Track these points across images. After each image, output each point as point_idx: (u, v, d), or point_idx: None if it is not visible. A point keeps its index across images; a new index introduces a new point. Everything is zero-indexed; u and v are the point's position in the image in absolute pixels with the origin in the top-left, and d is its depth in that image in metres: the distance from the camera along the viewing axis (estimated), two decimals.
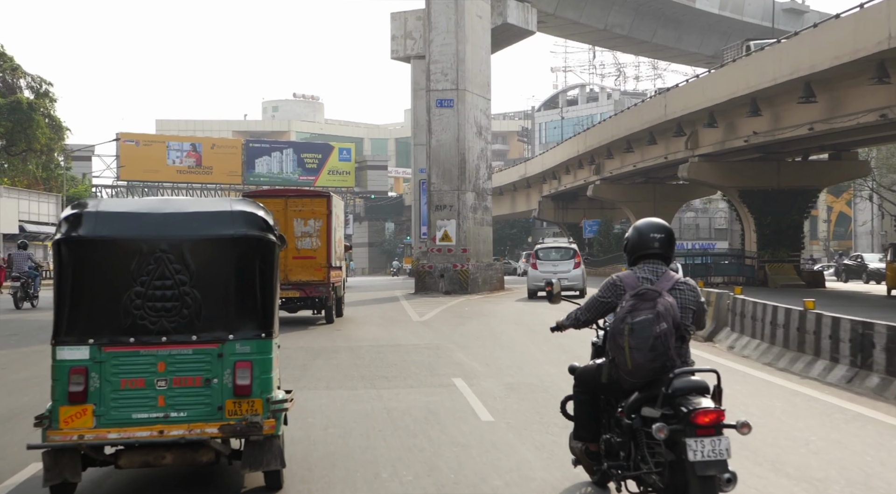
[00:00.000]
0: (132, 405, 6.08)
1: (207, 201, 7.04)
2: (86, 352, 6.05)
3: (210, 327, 6.21)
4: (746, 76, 33.01)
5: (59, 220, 6.35)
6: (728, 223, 69.60)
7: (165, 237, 6.21)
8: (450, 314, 23.12)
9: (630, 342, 5.38)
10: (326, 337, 17.13)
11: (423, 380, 11.81)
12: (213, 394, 6.17)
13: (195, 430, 6.12)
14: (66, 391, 5.99)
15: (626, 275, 5.71)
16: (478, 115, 33.96)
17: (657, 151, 45.65)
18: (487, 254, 35.03)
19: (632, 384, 5.50)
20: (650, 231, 5.71)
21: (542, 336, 16.57)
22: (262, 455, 6.29)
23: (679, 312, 5.45)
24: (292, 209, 19.12)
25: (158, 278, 6.14)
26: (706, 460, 4.94)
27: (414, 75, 55.29)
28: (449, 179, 32.98)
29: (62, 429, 5.95)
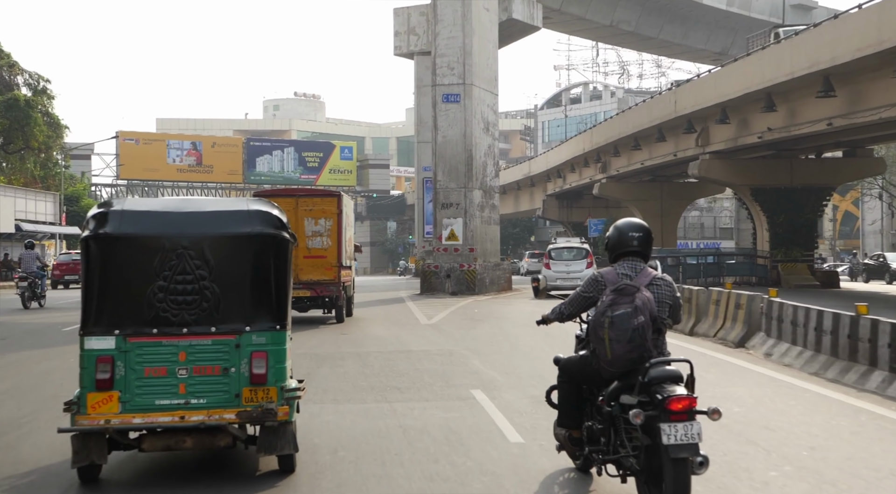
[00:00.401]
0: (155, 392, 6.45)
1: (225, 201, 7.35)
2: (112, 342, 6.41)
3: (228, 319, 6.58)
4: (761, 70, 31.92)
5: (86, 218, 6.74)
6: (734, 222, 68.53)
7: (187, 235, 6.57)
8: (459, 316, 22.06)
9: (610, 334, 5.71)
10: (331, 342, 16.05)
11: (438, 392, 10.73)
12: (231, 382, 6.55)
13: (214, 416, 6.48)
14: (93, 379, 6.37)
15: (607, 271, 6.00)
16: (485, 110, 32.88)
17: (666, 148, 44.56)
18: (495, 253, 33.94)
19: (611, 373, 5.82)
20: (629, 230, 6.04)
21: (560, 341, 15.47)
22: (276, 440, 6.65)
23: (656, 306, 5.78)
24: (303, 209, 18.91)
25: (180, 273, 6.52)
26: (679, 443, 5.25)
27: (417, 72, 54.29)
28: (455, 177, 31.90)
29: (90, 414, 6.34)
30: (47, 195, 53.91)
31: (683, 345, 15.10)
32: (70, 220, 55.46)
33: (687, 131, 40.20)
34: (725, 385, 10.93)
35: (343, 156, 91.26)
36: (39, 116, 57.07)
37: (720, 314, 15.85)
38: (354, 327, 19.03)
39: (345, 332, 17.87)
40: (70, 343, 16.33)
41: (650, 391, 5.49)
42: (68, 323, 20.36)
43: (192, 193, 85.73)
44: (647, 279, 5.89)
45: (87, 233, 6.54)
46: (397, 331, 18.15)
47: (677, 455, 5.26)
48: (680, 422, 5.30)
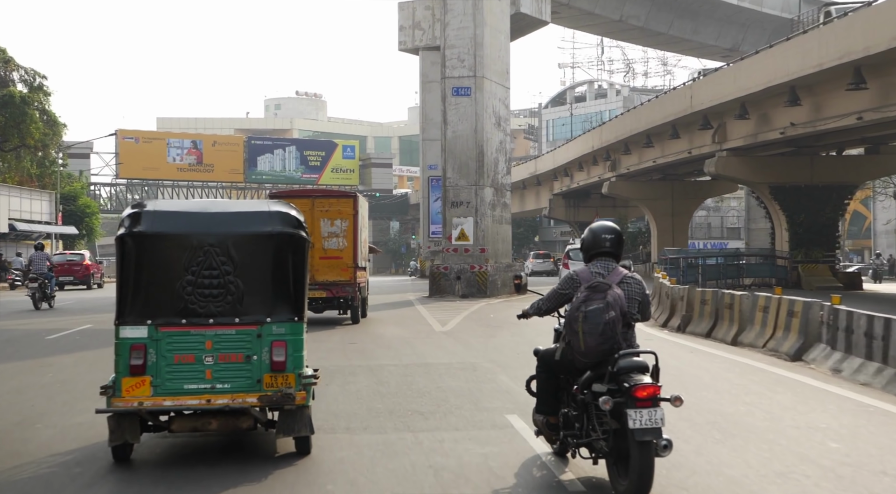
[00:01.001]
0: (184, 377, 6.95)
1: (247, 203, 8.05)
2: (144, 331, 6.91)
3: (250, 311, 7.07)
4: (786, 62, 30.29)
5: (121, 218, 7.20)
6: (745, 222, 66.88)
7: (213, 233, 7.05)
8: (474, 322, 20.45)
9: (584, 327, 6.12)
10: (339, 353, 14.45)
11: (468, 417, 9.13)
12: (253, 369, 7.04)
13: (238, 400, 6.97)
14: (127, 365, 6.87)
15: (582, 270, 6.47)
16: (496, 104, 31.27)
17: (680, 145, 42.96)
18: (507, 254, 32.33)
19: (584, 363, 6.22)
20: (602, 233, 6.49)
21: None
22: (294, 423, 7.14)
23: (626, 302, 6.22)
24: (319, 210, 18.75)
25: (206, 268, 7.00)
26: (644, 427, 5.68)
27: (423, 67, 52.63)
28: (466, 174, 30.28)
29: (124, 397, 6.83)
30: (43, 194, 52.27)
31: (729, 356, 13.52)
32: (66, 219, 53.82)
33: (703, 128, 38.61)
34: (803, 410, 9.32)
35: (345, 155, 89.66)
36: (36, 113, 55.48)
37: (769, 322, 14.25)
38: (364, 335, 17.43)
39: (354, 341, 16.27)
40: (51, 355, 14.97)
41: (619, 379, 5.93)
42: (56, 330, 18.82)
43: (192, 192, 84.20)
44: (619, 278, 6.33)
45: (122, 231, 7.02)
46: (411, 339, 16.55)
47: (642, 438, 5.71)
48: (645, 408, 5.74)
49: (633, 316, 6.32)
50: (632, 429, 5.74)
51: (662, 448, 5.76)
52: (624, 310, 6.19)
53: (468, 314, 22.48)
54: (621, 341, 6.16)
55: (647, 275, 55.41)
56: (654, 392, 5.82)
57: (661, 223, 53.89)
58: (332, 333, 17.52)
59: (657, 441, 5.75)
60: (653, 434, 5.73)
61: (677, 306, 18.39)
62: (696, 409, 9.24)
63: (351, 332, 17.97)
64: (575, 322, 6.22)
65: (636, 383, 5.84)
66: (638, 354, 6.14)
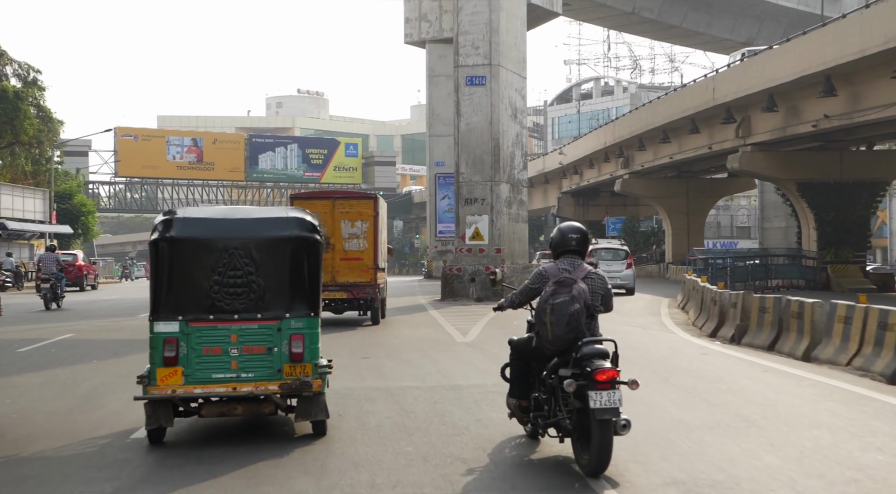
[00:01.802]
0: (212, 367, 7.65)
1: (267, 209, 8.64)
2: (176, 326, 7.60)
3: (271, 307, 7.76)
4: (822, 50, 28.16)
5: (154, 224, 7.74)
6: (758, 221, 64.72)
7: (237, 237, 7.77)
8: (497, 330, 18.27)
9: (551, 318, 6.72)
10: (353, 372, 12.28)
11: (529, 471, 6.90)
12: (274, 359, 7.74)
13: (261, 387, 7.68)
14: (161, 356, 7.56)
15: (550, 266, 7.06)
16: (513, 94, 29.12)
17: (699, 140, 40.84)
18: (523, 254, 30.19)
19: (552, 351, 6.85)
20: (569, 233, 7.05)
21: (647, 369, 11.84)
22: (311, 408, 7.86)
23: (590, 296, 6.84)
24: (339, 211, 18.60)
25: (231, 269, 7.69)
26: (603, 407, 6.27)
27: (429, 61, 50.49)
28: (480, 169, 28.13)
29: (159, 386, 7.54)
30: (36, 192, 50.08)
31: (814, 377, 11.36)
32: (61, 218, 51.64)
33: (725, 121, 36.50)
34: None
35: (348, 153, 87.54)
36: (29, 108, 53.30)
37: (853, 335, 12.11)
38: (378, 348, 15.27)
39: (367, 355, 14.10)
40: (17, 373, 12.65)
41: (582, 365, 6.49)
42: (32, 340, 16.69)
43: (192, 191, 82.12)
44: (583, 273, 6.92)
45: (155, 236, 7.62)
46: (432, 353, 14.39)
47: (602, 416, 6.26)
48: (605, 390, 6.30)
49: (596, 308, 6.91)
50: (592, 409, 6.25)
51: (622, 427, 6.29)
52: (588, 302, 6.76)
53: (488, 321, 20.33)
54: (585, 330, 6.72)
55: (661, 276, 53.28)
56: (612, 376, 6.33)
57: (676, 222, 51.77)
58: (342, 343, 15.37)
59: (616, 420, 6.28)
60: (611, 413, 6.27)
61: (728, 313, 16.25)
62: (820, 459, 7.11)
63: (363, 343, 15.82)
64: (543, 314, 6.77)
65: (597, 367, 6.37)
66: (600, 342, 6.69)
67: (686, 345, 15.32)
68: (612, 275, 29.23)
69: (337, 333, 16.99)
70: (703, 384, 10.90)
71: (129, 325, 20.19)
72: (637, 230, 58.91)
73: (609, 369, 6.38)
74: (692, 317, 19.77)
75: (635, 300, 27.68)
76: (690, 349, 14.57)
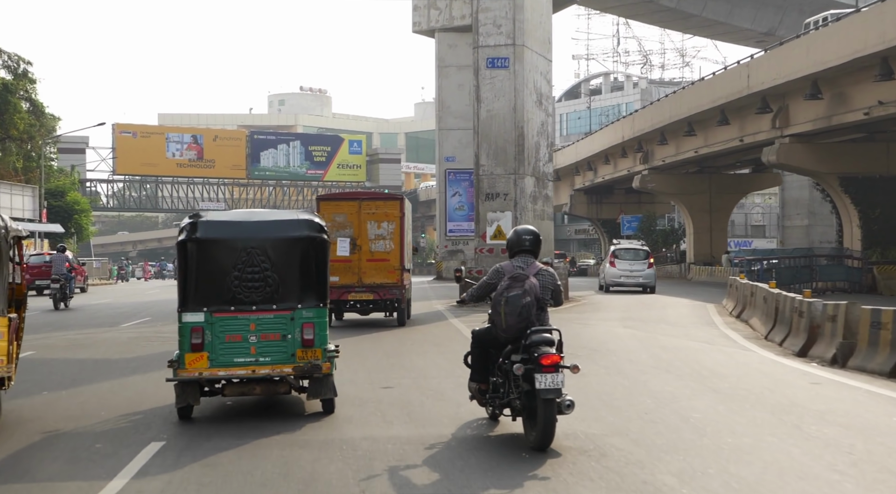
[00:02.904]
0: (233, 352, 8.54)
1: (281, 212, 10.27)
2: (201, 316, 8.49)
3: (285, 299, 8.65)
4: (882, 28, 25.18)
5: (181, 227, 8.74)
6: (778, 219, 61.74)
7: (254, 238, 8.69)
8: None
9: (505, 309, 7.45)
10: (374, 410, 9.20)
11: None
12: (288, 345, 8.63)
13: (276, 370, 8.61)
14: (188, 343, 8.46)
15: (506, 264, 7.78)
16: (538, 78, 26.11)
17: (729, 133, 37.86)
18: (549, 255, 27.16)
19: (506, 339, 7.58)
20: (523, 234, 7.82)
21: (758, 407, 8.88)
22: (321, 388, 8.74)
23: (540, 290, 7.52)
24: (366, 212, 18.26)
25: (249, 266, 8.57)
26: (548, 388, 6.94)
27: (439, 50, 47.47)
28: (503, 161, 25.12)
29: (187, 369, 8.42)
30: (25, 189, 47.04)
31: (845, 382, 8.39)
32: (53, 217, 48.65)
33: (761, 111, 33.55)
34: None
35: (352, 150, 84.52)
36: (20, 102, 50.44)
37: None
38: (401, 370, 12.22)
39: (389, 384, 11.03)
40: None
41: (530, 350, 7.16)
42: None
43: (192, 188, 79.17)
44: (535, 270, 7.63)
45: (183, 237, 8.63)
46: (466, 380, 11.36)
47: (546, 396, 6.94)
48: (549, 373, 6.96)
49: (545, 301, 7.62)
50: (538, 389, 6.95)
51: (566, 407, 7.06)
52: (538, 296, 7.49)
53: None
54: (535, 320, 7.44)
55: (682, 277, 50.24)
56: (556, 361, 7.03)
57: (698, 220, 48.79)
58: (358, 366, 12.37)
59: (560, 400, 7.02)
60: (554, 394, 6.97)
61: (823, 328, 13.24)
62: None
63: (383, 365, 12.79)
64: (499, 305, 7.52)
65: (543, 353, 7.07)
66: (549, 331, 7.38)
67: (780, 369, 12.31)
68: (635, 274, 31.59)
69: (353, 347, 14.00)
70: (853, 436, 7.89)
71: (106, 338, 17.21)
72: (654, 229, 55.91)
73: (553, 354, 7.06)
74: (761, 329, 16.78)
75: (676, 306, 24.68)
76: (792, 377, 11.57)
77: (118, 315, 23.30)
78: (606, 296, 30.23)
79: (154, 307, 26.31)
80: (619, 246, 33.48)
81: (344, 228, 17.82)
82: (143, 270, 71.18)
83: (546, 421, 6.98)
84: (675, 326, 18.87)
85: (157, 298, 32.24)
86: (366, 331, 17.91)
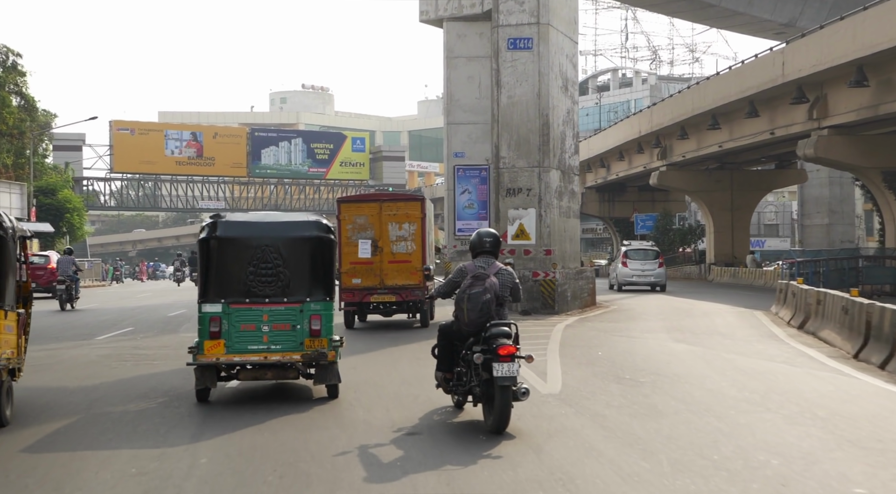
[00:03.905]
0: (247, 340, 9.44)
1: (293, 215, 10.72)
2: (219, 307, 9.40)
3: (295, 293, 9.57)
4: None
5: (202, 227, 9.75)
6: (798, 217, 59.04)
7: (268, 237, 9.62)
8: (584, 368, 12.56)
9: (467, 305, 8.16)
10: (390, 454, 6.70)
11: None
12: (297, 335, 9.52)
13: (287, 357, 9.50)
14: (207, 331, 9.37)
15: (469, 264, 8.50)
16: (563, 61, 23.45)
17: (757, 125, 35.15)
18: (575, 257, 24.47)
19: (468, 332, 8.26)
20: (484, 237, 8.57)
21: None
22: (326, 374, 9.63)
23: (500, 288, 8.26)
24: (387, 214, 18.10)
25: (263, 262, 9.50)
26: (504, 376, 7.65)
27: (447, 40, 44.49)
28: (526, 152, 22.45)
29: (206, 354, 9.34)
30: (13, 186, 44.29)
31: None
32: (43, 215, 45.95)
33: (796, 101, 30.83)
34: None
35: (355, 147, 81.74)
36: (8, 95, 47.78)
37: None
38: (426, 402, 9.57)
39: (414, 427, 8.40)
40: None
41: (489, 342, 7.85)
42: None
43: (192, 187, 76.48)
44: (495, 270, 8.37)
45: (204, 235, 9.58)
46: (515, 424, 8.63)
47: (502, 383, 7.64)
48: (506, 363, 7.66)
49: (505, 298, 8.34)
50: (495, 377, 7.65)
51: (522, 394, 7.76)
52: (497, 293, 8.21)
53: (558, 348, 14.65)
54: (494, 315, 8.14)
55: (702, 278, 47.53)
56: (512, 351, 7.70)
57: (719, 219, 46.07)
58: (373, 397, 9.73)
59: (516, 387, 7.72)
60: (510, 381, 7.66)
61: None
62: None
63: (403, 395, 10.11)
64: (462, 301, 8.23)
65: (500, 344, 7.74)
66: (507, 325, 8.07)
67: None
68: (647, 273, 33.06)
69: (366, 370, 11.31)
70: None
71: (73, 356, 14.49)
72: (671, 228, 53.19)
73: (510, 345, 7.77)
74: (843, 345, 14.06)
75: (720, 313, 21.95)
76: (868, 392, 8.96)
77: (98, 324, 20.63)
78: (633, 300, 27.55)
79: (140, 315, 23.65)
80: (630, 247, 34.73)
81: (365, 230, 17.55)
82: (140, 270, 68.45)
83: (502, 406, 7.67)
84: (734, 339, 16.17)
85: (147, 303, 29.58)
86: (384, 343, 15.55)
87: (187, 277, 46.69)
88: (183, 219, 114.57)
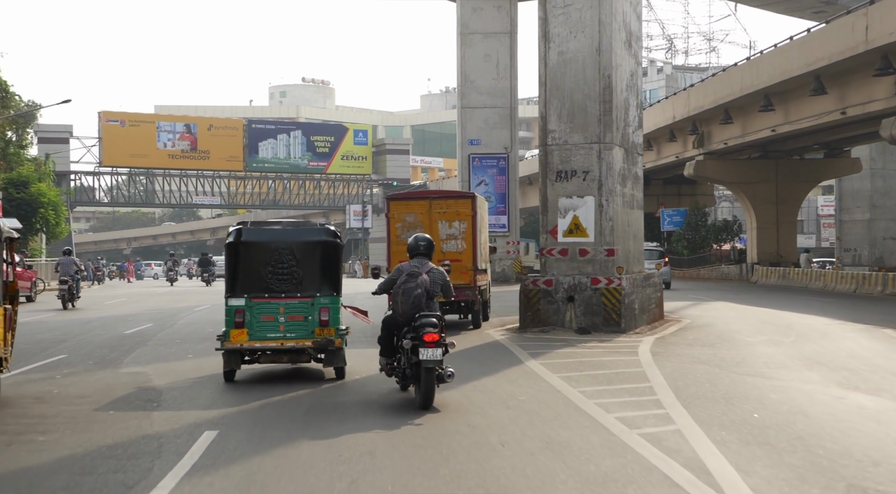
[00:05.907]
0: (266, 329, 10.97)
1: (306, 222, 13.50)
2: (243, 301, 10.97)
3: (307, 289, 11.02)
4: None
5: (229, 232, 11.33)
6: (836, 212, 53.74)
7: (284, 241, 11.11)
8: (746, 444, 7.34)
9: (401, 299, 9.40)
10: None
11: None
12: (309, 325, 10.99)
13: (300, 343, 10.99)
14: (233, 322, 10.91)
15: (405, 264, 9.65)
16: (627, 11, 18.12)
17: (824, 104, 29.85)
18: (639, 258, 19.12)
19: (403, 322, 9.43)
20: (420, 241, 9.77)
21: None
22: (334, 358, 11.16)
23: (430, 284, 9.48)
24: (436, 211, 17.45)
25: (280, 263, 10.99)
26: (429, 359, 8.87)
27: (461, 15, 39.49)
28: (581, 125, 17.07)
29: (231, 341, 10.91)
30: None
31: None
32: (10, 210, 40.63)
33: (880, 73, 25.59)
34: None
35: (357, 140, 76.37)
36: None
37: None
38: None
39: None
40: None
41: (417, 330, 9.06)
42: None
43: (186, 181, 71.20)
44: (427, 269, 9.55)
45: (231, 239, 11.09)
46: None
47: (427, 365, 8.88)
48: (430, 347, 8.88)
49: (434, 293, 9.51)
50: (421, 360, 8.88)
51: (448, 376, 9.10)
52: (428, 288, 9.44)
53: (676, 401, 9.36)
54: (424, 307, 9.35)
55: (743, 279, 42.21)
56: (436, 338, 8.92)
57: (762, 213, 40.73)
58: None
59: (441, 370, 9.01)
60: (434, 363, 8.89)
61: None
62: None
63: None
64: (397, 296, 9.47)
65: (426, 331, 8.96)
66: (435, 316, 9.24)
67: None
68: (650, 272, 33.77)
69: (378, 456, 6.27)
70: None
71: None
72: (703, 223, 47.92)
73: (435, 332, 8.96)
74: None
75: (841, 332, 16.60)
76: None
77: (28, 347, 15.19)
78: (704, 310, 22.23)
79: (89, 332, 18.35)
80: None
81: (414, 228, 16.64)
82: (127, 270, 63.04)
83: (427, 385, 8.92)
84: None
85: (109, 313, 24.22)
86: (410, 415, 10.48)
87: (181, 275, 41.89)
88: (179, 215, 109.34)
